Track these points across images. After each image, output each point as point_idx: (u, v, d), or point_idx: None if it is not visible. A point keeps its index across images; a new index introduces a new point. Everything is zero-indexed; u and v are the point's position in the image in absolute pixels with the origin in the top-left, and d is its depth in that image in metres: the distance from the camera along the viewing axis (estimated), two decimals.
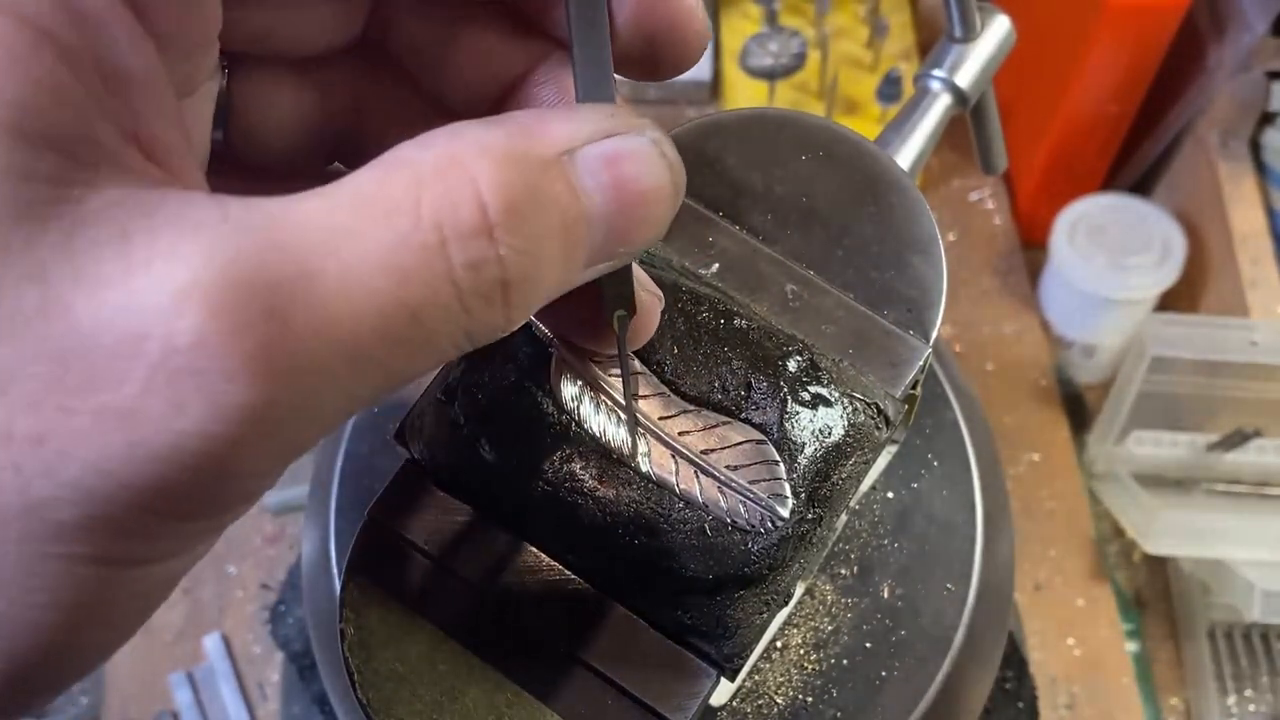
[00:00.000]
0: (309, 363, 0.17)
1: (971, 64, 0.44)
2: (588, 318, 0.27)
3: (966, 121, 0.48)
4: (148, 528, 0.17)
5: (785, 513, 0.28)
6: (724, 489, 0.28)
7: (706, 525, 0.28)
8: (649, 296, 0.27)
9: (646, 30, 0.24)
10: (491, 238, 0.18)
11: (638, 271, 0.28)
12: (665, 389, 0.29)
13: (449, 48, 0.26)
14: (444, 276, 0.18)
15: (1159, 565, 0.73)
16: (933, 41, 0.46)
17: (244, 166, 0.27)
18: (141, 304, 0.16)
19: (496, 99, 0.26)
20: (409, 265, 0.17)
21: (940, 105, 0.43)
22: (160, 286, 0.16)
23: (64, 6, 0.17)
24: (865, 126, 0.79)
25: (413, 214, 0.18)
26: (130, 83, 0.18)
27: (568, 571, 0.29)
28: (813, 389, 0.29)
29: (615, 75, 0.25)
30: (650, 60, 0.24)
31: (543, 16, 0.25)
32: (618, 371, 0.29)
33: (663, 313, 0.30)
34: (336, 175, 0.29)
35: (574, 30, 0.23)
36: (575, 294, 0.23)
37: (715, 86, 0.89)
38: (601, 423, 0.29)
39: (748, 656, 0.28)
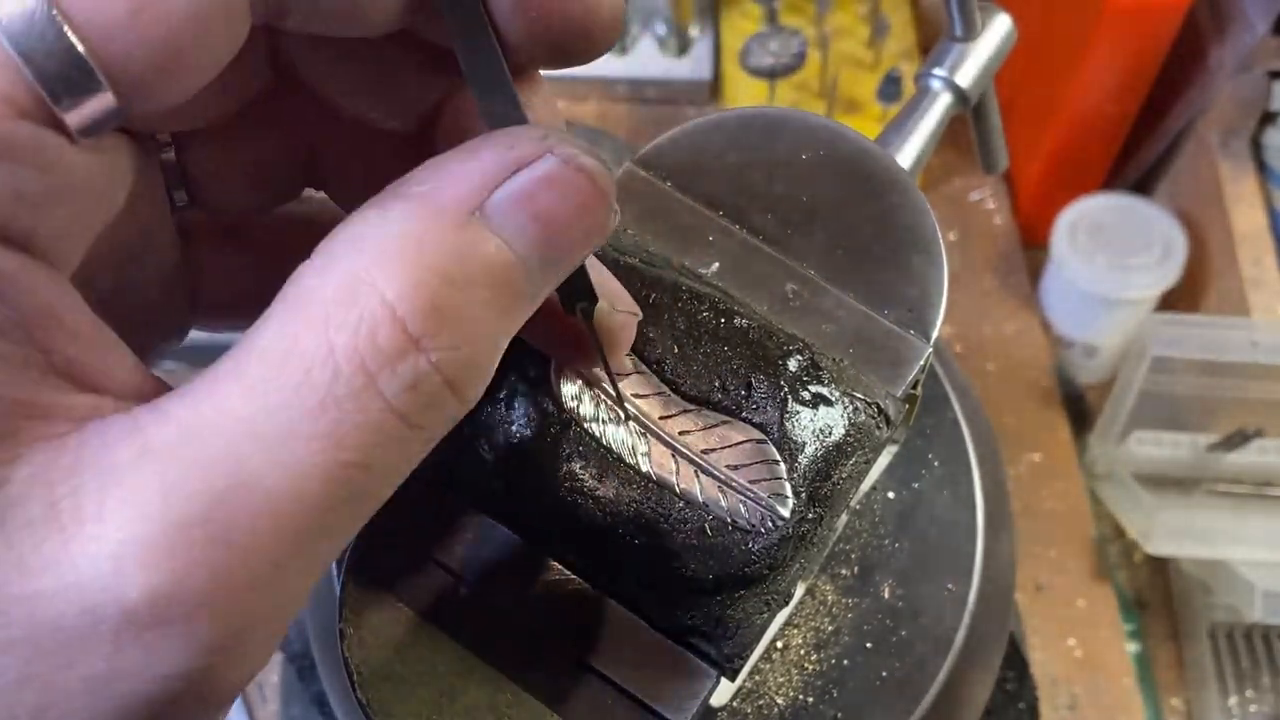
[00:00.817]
0: (269, 565, 0.17)
1: (972, 63, 0.44)
2: (559, 326, 0.26)
3: (967, 121, 0.48)
4: None
5: (786, 512, 0.28)
6: (724, 488, 0.28)
7: (707, 525, 0.28)
8: (624, 316, 0.26)
9: (539, 20, 0.22)
10: (420, 349, 0.17)
11: (612, 285, 0.27)
12: (665, 389, 0.29)
13: (361, 84, 0.25)
14: (383, 412, 0.17)
15: (1160, 566, 0.73)
16: (933, 41, 0.46)
17: (218, 211, 0.27)
18: (86, 581, 0.16)
19: (425, 120, 0.25)
20: (339, 421, 0.17)
21: (941, 105, 0.43)
22: (98, 556, 0.16)
23: None
24: (866, 126, 0.79)
25: (329, 363, 0.17)
26: (48, 323, 0.18)
27: (568, 571, 0.29)
28: (813, 388, 0.29)
29: (544, 71, 0.23)
30: (559, 50, 0.22)
31: (441, 37, 0.23)
32: (617, 371, 0.29)
33: (663, 312, 0.30)
34: (309, 200, 0.29)
35: (461, 54, 0.22)
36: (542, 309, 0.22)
37: (715, 86, 0.89)
38: (602, 423, 0.29)
39: (748, 657, 0.28)
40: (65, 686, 0.16)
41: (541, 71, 0.24)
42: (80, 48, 0.17)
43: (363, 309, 0.17)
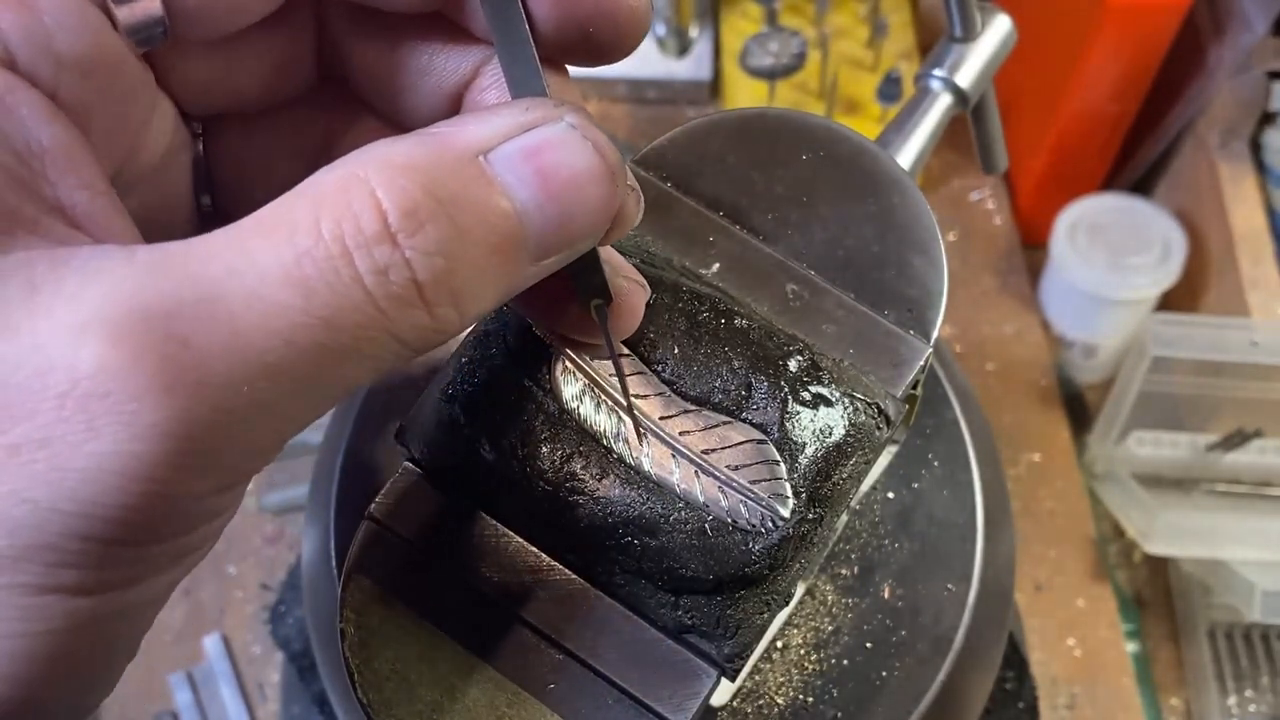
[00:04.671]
0: (223, 379, 0.17)
1: (972, 64, 0.44)
2: (571, 310, 0.27)
3: (967, 121, 0.48)
4: (89, 555, 0.17)
5: (786, 513, 0.28)
6: (724, 489, 0.28)
7: (707, 525, 0.28)
8: (629, 284, 0.27)
9: (572, 19, 0.23)
10: (395, 243, 0.19)
11: (615, 258, 0.28)
12: (666, 389, 0.29)
13: (393, 67, 0.26)
14: (352, 283, 0.18)
15: (1159, 565, 0.73)
16: (933, 41, 0.46)
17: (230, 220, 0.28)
18: (46, 342, 0.17)
19: (448, 111, 0.26)
20: (313, 276, 0.18)
21: (941, 105, 0.43)
22: (63, 323, 0.17)
23: None
24: (865, 126, 0.79)
25: (313, 230, 0.18)
26: (45, 157, 0.19)
27: (568, 571, 0.29)
28: (813, 389, 0.29)
29: (570, 68, 0.25)
30: (583, 47, 0.24)
31: (472, 21, 0.25)
32: (618, 372, 0.29)
33: (663, 312, 0.30)
34: None
35: (494, 29, 0.23)
36: (554, 286, 0.23)
37: (715, 86, 0.89)
38: (602, 422, 0.29)
39: (748, 656, 0.28)
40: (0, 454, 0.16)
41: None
42: None
43: (353, 197, 0.19)
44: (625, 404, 0.28)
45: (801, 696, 0.39)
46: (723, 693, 0.38)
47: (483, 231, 0.20)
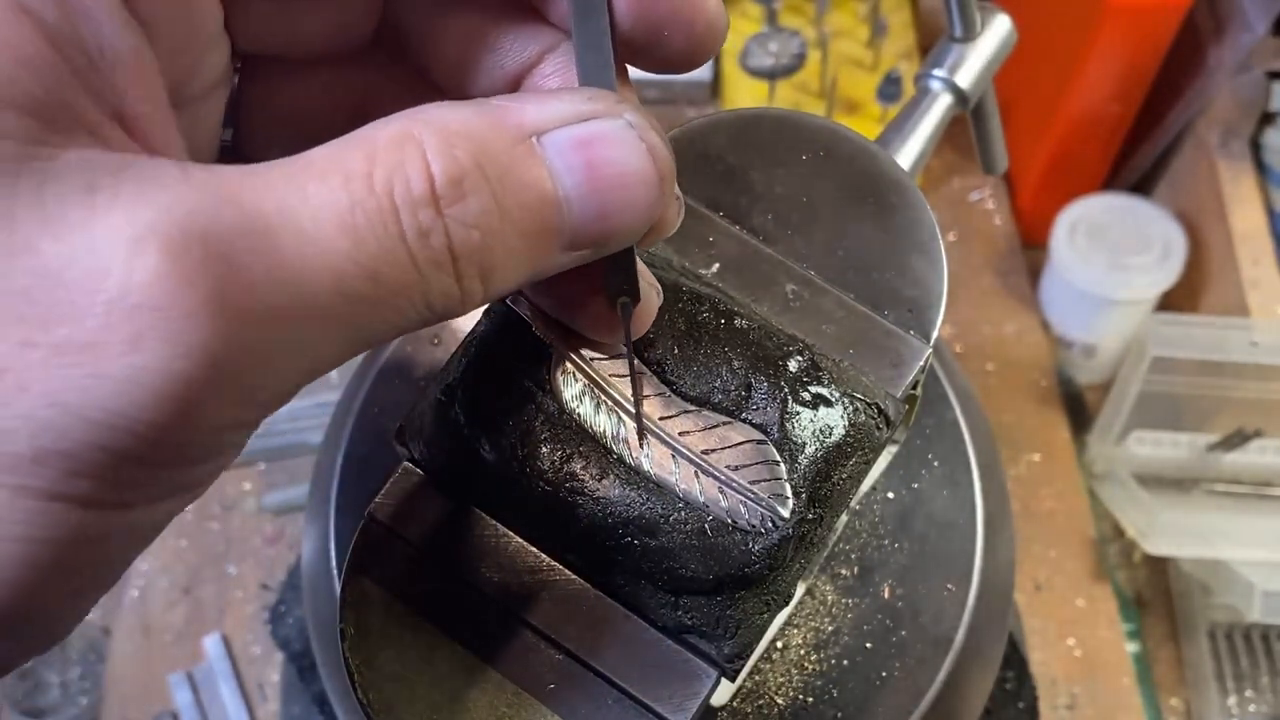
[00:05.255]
0: (268, 311, 0.18)
1: (972, 64, 0.44)
2: (590, 304, 0.27)
3: (967, 121, 0.48)
4: (105, 467, 0.17)
5: (786, 513, 0.28)
6: (724, 489, 0.28)
7: (707, 525, 0.28)
8: (646, 287, 0.27)
9: (649, 19, 0.23)
10: (438, 209, 0.19)
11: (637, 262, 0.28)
12: (665, 389, 0.29)
13: (459, 40, 0.26)
14: (397, 239, 0.19)
15: (1159, 565, 0.73)
16: (933, 41, 0.46)
17: (247, 161, 0.27)
18: (102, 245, 0.17)
19: (504, 91, 0.26)
20: (363, 226, 0.18)
21: (941, 105, 0.43)
22: (120, 230, 0.17)
23: None
24: (865, 126, 0.79)
25: (366, 180, 0.18)
26: (115, 64, 0.19)
27: (568, 571, 0.29)
28: (813, 389, 0.29)
29: (631, 68, 0.25)
30: (656, 51, 0.24)
31: (548, 6, 0.25)
32: (618, 371, 0.29)
33: (663, 312, 0.30)
34: None
35: (575, 16, 0.23)
36: (577, 279, 0.23)
37: (715, 86, 0.89)
38: (602, 422, 0.29)
39: (748, 657, 0.28)
40: (32, 355, 0.16)
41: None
42: None
43: (406, 155, 0.19)
44: (635, 403, 0.28)
45: (801, 696, 0.39)
46: (723, 693, 0.38)
47: (521, 212, 0.20)
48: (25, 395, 0.16)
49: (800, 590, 0.41)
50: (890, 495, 0.44)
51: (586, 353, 0.29)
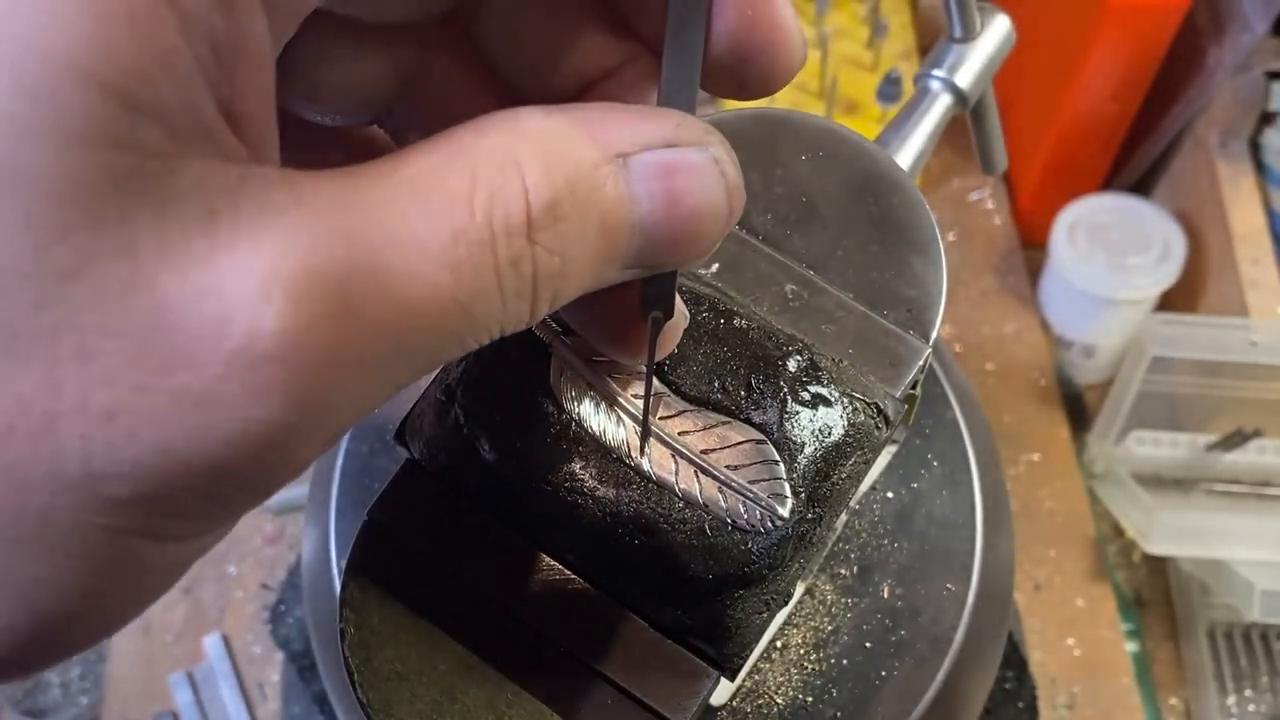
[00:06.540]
0: (375, 358, 0.17)
1: (971, 64, 0.44)
2: (615, 317, 0.26)
3: (966, 121, 0.48)
4: (195, 507, 0.17)
5: (785, 512, 0.28)
6: (724, 489, 0.28)
7: (706, 525, 0.28)
8: (681, 306, 0.27)
9: (743, 46, 0.23)
10: (530, 237, 0.18)
11: None
12: (665, 389, 0.29)
13: (538, 34, 0.25)
14: (492, 270, 0.18)
15: (1159, 565, 0.73)
16: (933, 41, 0.46)
17: (285, 117, 0.27)
18: (227, 288, 0.16)
19: (573, 94, 0.26)
20: (465, 260, 0.18)
21: (940, 105, 0.43)
22: (245, 271, 0.16)
23: None
24: (865, 126, 0.79)
25: (467, 206, 0.18)
26: (238, 55, 0.18)
27: (568, 571, 0.29)
28: (813, 389, 0.29)
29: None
30: (738, 79, 0.24)
31: (638, 18, 0.25)
32: (618, 372, 0.29)
33: None
34: (369, 136, 0.29)
35: (671, 33, 0.23)
36: (609, 290, 0.23)
37: None
38: (601, 422, 0.29)
39: (748, 656, 0.28)
40: (146, 401, 0.15)
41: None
42: None
43: (507, 180, 0.18)
44: (643, 410, 0.28)
45: (801, 696, 0.39)
46: (722, 692, 0.38)
47: (598, 236, 0.20)
48: (134, 442, 0.16)
49: (800, 590, 0.41)
50: (890, 495, 0.44)
51: (589, 355, 0.29)
